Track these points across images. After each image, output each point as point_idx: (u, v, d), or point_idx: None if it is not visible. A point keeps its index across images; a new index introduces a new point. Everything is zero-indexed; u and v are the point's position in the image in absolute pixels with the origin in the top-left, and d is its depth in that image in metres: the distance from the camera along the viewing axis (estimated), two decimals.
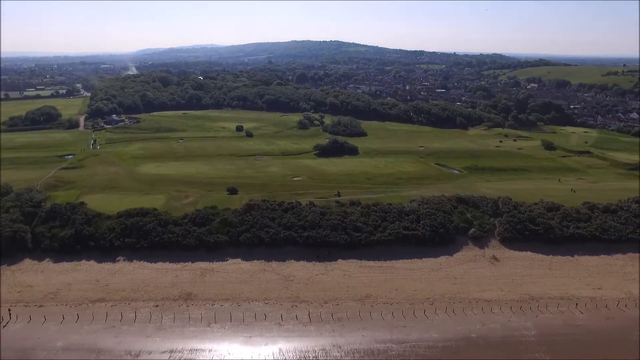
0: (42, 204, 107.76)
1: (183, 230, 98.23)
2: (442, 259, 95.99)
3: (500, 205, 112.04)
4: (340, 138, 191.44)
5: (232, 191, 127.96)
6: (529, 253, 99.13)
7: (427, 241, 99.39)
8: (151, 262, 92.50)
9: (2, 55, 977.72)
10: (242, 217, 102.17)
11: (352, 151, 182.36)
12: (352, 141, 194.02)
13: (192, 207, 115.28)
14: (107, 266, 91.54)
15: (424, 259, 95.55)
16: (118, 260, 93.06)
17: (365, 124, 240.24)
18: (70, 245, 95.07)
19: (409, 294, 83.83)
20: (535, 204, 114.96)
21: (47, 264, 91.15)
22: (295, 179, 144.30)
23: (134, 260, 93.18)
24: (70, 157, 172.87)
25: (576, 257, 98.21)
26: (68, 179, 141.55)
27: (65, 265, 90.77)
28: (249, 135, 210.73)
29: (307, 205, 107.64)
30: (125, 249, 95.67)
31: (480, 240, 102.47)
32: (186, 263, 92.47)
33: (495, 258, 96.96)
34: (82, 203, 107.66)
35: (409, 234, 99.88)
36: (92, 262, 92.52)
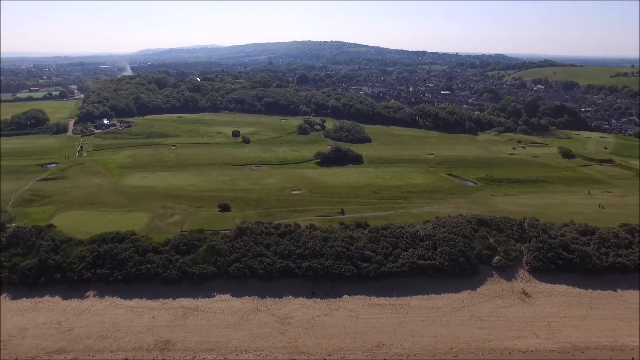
0: (7, 225, 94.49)
1: (164, 260, 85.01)
2: (464, 294, 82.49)
3: (526, 227, 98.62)
4: (343, 145, 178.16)
5: (224, 208, 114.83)
6: (563, 287, 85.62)
7: (446, 272, 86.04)
8: (125, 299, 79.19)
9: (2, 56, 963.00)
10: (233, 243, 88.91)
11: (356, 160, 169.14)
12: (356, 148, 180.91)
13: (178, 227, 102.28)
14: (73, 303, 78.26)
15: (443, 294, 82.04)
16: (87, 296, 79.82)
17: (369, 129, 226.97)
18: (32, 278, 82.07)
19: (429, 341, 70.50)
20: (566, 225, 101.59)
21: (4, 302, 77.87)
22: (294, 192, 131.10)
23: (106, 296, 79.96)
24: (52, 165, 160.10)
25: (619, 291, 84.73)
26: (46, 192, 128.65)
27: (24, 303, 77.53)
28: (246, 141, 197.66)
29: (306, 228, 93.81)
30: (97, 282, 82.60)
31: (506, 271, 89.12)
32: (166, 300, 79.16)
33: (525, 293, 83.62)
34: (50, 226, 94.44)
35: (425, 264, 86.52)
36: (56, 298, 79.26)
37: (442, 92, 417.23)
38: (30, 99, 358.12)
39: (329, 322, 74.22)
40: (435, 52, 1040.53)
